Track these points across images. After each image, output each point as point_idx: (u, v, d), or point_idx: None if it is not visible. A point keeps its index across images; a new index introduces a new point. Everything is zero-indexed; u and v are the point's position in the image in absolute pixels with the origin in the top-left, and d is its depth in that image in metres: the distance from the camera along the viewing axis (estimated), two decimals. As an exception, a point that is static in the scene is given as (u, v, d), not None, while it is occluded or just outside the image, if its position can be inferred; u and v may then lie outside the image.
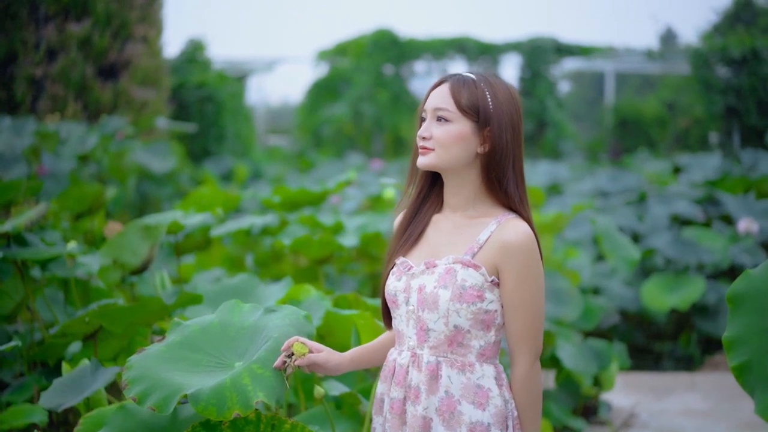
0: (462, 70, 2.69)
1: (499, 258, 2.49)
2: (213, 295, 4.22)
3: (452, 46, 20.33)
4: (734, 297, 1.98)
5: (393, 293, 2.60)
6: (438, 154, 2.54)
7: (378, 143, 19.80)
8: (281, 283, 4.29)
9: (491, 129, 2.53)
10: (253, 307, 2.88)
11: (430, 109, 2.57)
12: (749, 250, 8.47)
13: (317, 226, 5.89)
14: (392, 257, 2.68)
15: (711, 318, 7.94)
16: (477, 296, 2.48)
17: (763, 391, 1.87)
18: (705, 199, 10.23)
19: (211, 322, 2.83)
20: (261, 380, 2.54)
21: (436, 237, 2.63)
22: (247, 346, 2.74)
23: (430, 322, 2.51)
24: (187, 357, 2.72)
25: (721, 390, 6.66)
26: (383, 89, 19.74)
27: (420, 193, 2.71)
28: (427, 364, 2.52)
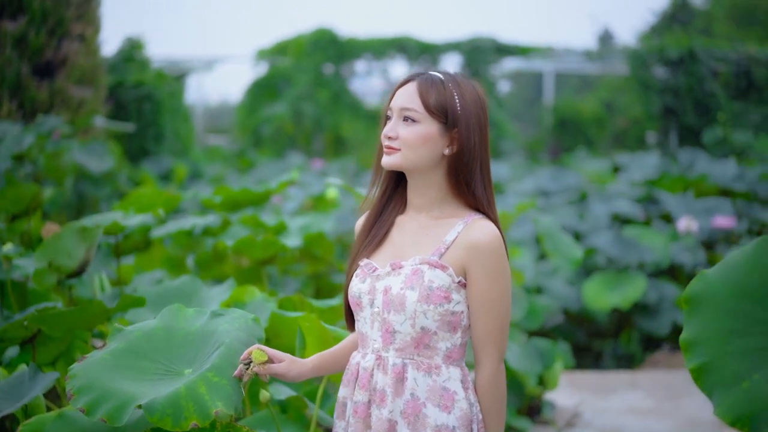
0: (430, 69, 2.64)
1: (467, 259, 2.47)
2: (155, 298, 4.14)
3: (392, 45, 20.30)
4: (690, 298, 1.97)
5: (357, 295, 2.56)
6: (404, 154, 2.50)
7: (318, 143, 19.72)
8: (224, 285, 4.23)
9: (459, 131, 2.51)
10: (198, 312, 2.82)
11: (397, 109, 2.53)
12: (689, 248, 8.55)
13: (260, 227, 5.82)
14: (355, 259, 2.64)
15: (651, 316, 8.00)
16: (444, 297, 2.45)
17: (721, 392, 1.85)
18: (645, 198, 10.31)
19: (154, 328, 2.76)
20: (218, 389, 2.48)
21: (400, 238, 2.59)
22: (195, 353, 2.68)
23: (396, 323, 2.48)
24: (133, 365, 2.65)
25: (662, 388, 6.70)
26: (323, 89, 19.66)
27: (384, 194, 2.67)
28: (392, 367, 2.48)
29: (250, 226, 5.87)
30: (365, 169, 14.60)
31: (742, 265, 1.94)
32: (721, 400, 1.84)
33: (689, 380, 6.90)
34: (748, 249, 1.97)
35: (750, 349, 1.86)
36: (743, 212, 9.70)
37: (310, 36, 20.09)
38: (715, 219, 8.78)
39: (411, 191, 2.60)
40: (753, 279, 1.92)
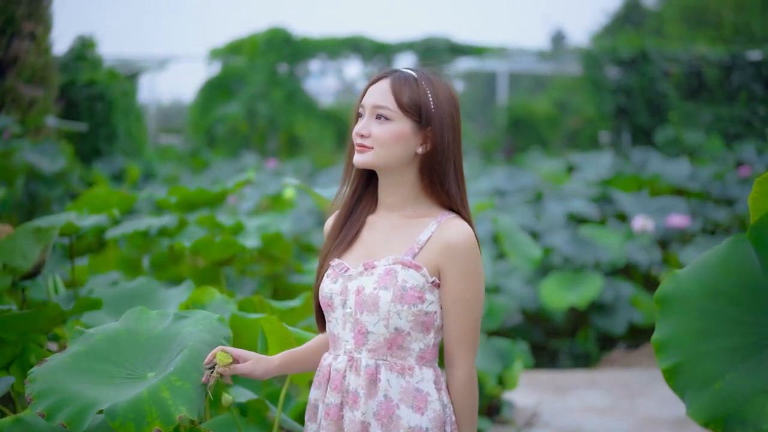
0: (406, 65, 2.62)
1: (442, 259, 2.45)
2: (112, 300, 4.06)
3: (347, 45, 20.26)
4: (662, 299, 1.95)
5: (328, 296, 2.53)
6: (376, 152, 2.48)
7: (272, 142, 19.63)
8: (182, 286, 4.16)
9: (432, 129, 2.48)
10: (161, 314, 2.76)
11: (369, 106, 2.50)
12: (645, 247, 8.59)
13: (216, 227, 5.75)
14: (326, 259, 2.60)
15: (607, 315, 8.03)
16: (418, 297, 2.43)
17: (694, 393, 1.83)
18: (600, 198, 10.36)
19: (117, 331, 2.70)
20: (181, 393, 2.42)
21: (372, 238, 2.57)
22: (159, 356, 2.62)
23: (369, 324, 2.45)
24: (95, 368, 2.58)
25: (620, 387, 6.72)
26: (278, 88, 19.57)
27: (354, 193, 2.64)
28: (365, 368, 2.45)
29: (207, 226, 5.80)
30: (320, 168, 14.56)
31: (714, 265, 1.93)
32: (694, 400, 1.83)
33: (646, 379, 6.94)
34: (720, 249, 1.96)
35: (723, 349, 1.85)
36: (697, 211, 9.77)
37: (263, 35, 20.00)
38: (669, 218, 8.84)
39: (382, 190, 2.57)
40: (725, 278, 1.90)
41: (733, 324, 1.88)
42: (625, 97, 20.06)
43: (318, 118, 19.75)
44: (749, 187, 11.14)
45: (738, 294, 1.90)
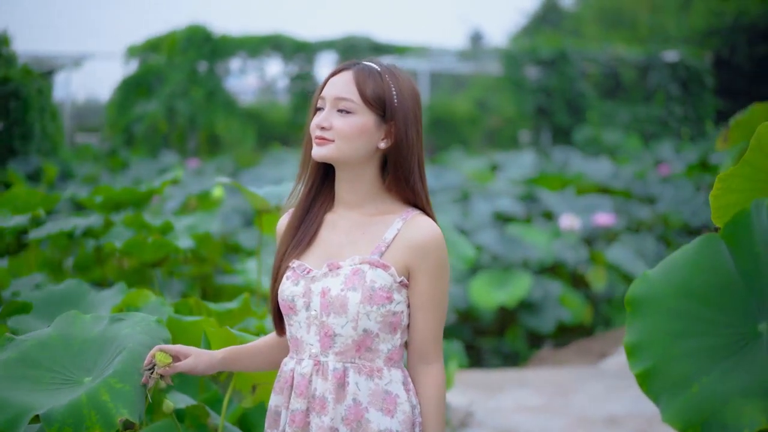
0: (366, 59, 2.53)
1: (411, 257, 2.40)
2: (40, 303, 3.90)
3: (267, 43, 20.06)
4: (633, 300, 1.89)
5: (290, 298, 2.43)
6: (338, 146, 2.40)
7: (192, 142, 19.37)
8: (113, 289, 4.02)
9: (396, 124, 2.42)
10: (96, 317, 2.65)
11: (331, 98, 2.42)
12: (572, 246, 8.62)
13: (144, 227, 5.59)
14: (283, 260, 2.51)
15: (536, 314, 8.04)
16: (386, 298, 2.36)
17: (669, 398, 1.78)
18: (526, 197, 10.38)
19: (49, 336, 2.59)
20: (121, 395, 2.33)
21: (333, 237, 2.49)
22: (95, 360, 2.52)
23: (336, 327, 2.37)
24: (28, 375, 2.47)
25: (551, 385, 6.72)
26: (197, 86, 19.31)
27: (311, 189, 2.54)
28: (333, 372, 2.38)
29: (134, 226, 5.64)
30: (243, 168, 14.38)
31: (684, 265, 1.88)
32: (669, 405, 1.77)
33: (577, 377, 6.95)
34: (690, 248, 1.91)
35: (697, 351, 1.80)
36: (621, 210, 9.84)
37: (183, 33, 19.71)
38: (595, 216, 8.88)
39: (341, 186, 2.50)
40: (697, 278, 1.86)
41: (707, 324, 1.83)
42: (544, 97, 20.23)
43: (238, 117, 19.54)
44: (669, 185, 11.28)
45: (711, 294, 1.85)
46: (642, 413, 5.97)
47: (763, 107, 5.39)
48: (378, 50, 20.51)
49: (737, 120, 5.52)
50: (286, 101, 20.56)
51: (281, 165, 14.22)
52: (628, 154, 17.03)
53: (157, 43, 20.25)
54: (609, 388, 6.57)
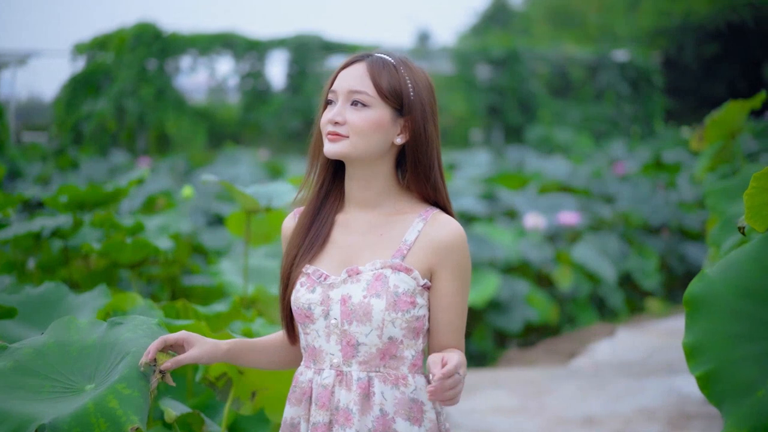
0: (382, 52, 2.41)
1: (435, 258, 2.30)
2: (18, 307, 3.76)
3: (218, 41, 19.85)
4: (692, 300, 1.82)
5: (306, 306, 2.32)
6: (353, 142, 2.29)
7: (142, 141, 19.12)
8: (94, 291, 3.87)
9: (413, 118, 2.32)
10: (93, 323, 2.53)
11: (344, 92, 2.30)
12: (537, 245, 8.59)
13: (115, 227, 5.43)
14: (294, 265, 2.39)
15: (504, 313, 7.99)
16: (410, 303, 2.26)
17: (732, 403, 1.71)
18: (487, 195, 10.34)
19: (45, 343, 2.46)
20: (130, 402, 2.22)
21: (347, 239, 2.37)
22: (96, 366, 2.40)
23: (360, 335, 2.26)
24: (26, 384, 2.35)
25: (524, 386, 6.67)
26: (147, 85, 19.06)
27: (321, 188, 2.43)
28: (357, 382, 2.27)
29: (104, 226, 5.48)
30: (196, 167, 14.19)
31: (744, 264, 1.81)
32: (733, 410, 1.70)
33: (549, 377, 6.91)
34: (749, 247, 1.84)
35: (761, 354, 1.73)
36: (583, 208, 9.83)
37: (131, 30, 19.44)
38: (559, 215, 8.86)
39: (353, 185, 2.38)
40: (757, 278, 1.79)
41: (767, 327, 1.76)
42: (496, 96, 20.27)
43: (189, 115, 19.31)
44: (627, 184, 11.31)
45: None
46: (619, 413, 5.94)
47: (738, 105, 5.38)
48: (329, 49, 20.40)
49: (713, 119, 5.50)
50: (237, 100, 20.37)
51: (236, 164, 14.07)
52: (580, 153, 17.11)
53: (105, 40, 19.95)
54: (583, 388, 6.53)
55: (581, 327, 8.43)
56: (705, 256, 9.75)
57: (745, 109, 5.39)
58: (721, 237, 4.45)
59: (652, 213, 10.25)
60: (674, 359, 7.19)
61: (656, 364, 7.14)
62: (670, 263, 9.86)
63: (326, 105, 2.35)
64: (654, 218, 10.19)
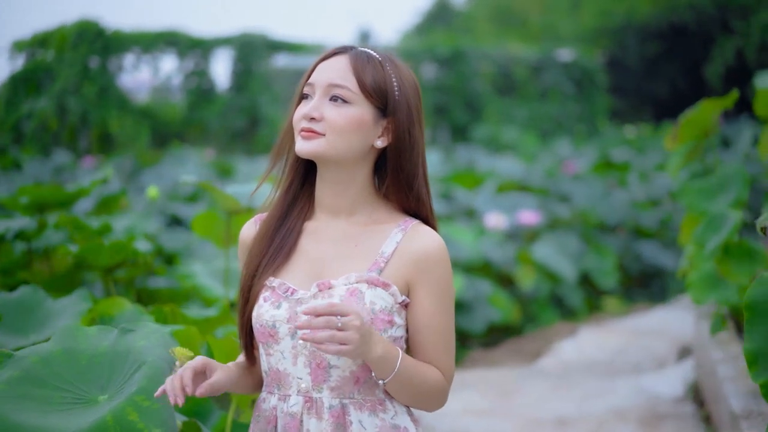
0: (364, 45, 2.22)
1: (414, 273, 2.09)
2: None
3: (162, 39, 19.61)
4: (754, 304, 1.74)
5: (270, 324, 2.09)
6: (329, 140, 2.07)
7: (84, 140, 18.80)
8: (73, 296, 3.72)
9: (397, 120, 2.11)
10: (102, 329, 2.42)
11: (323, 85, 2.10)
12: (499, 244, 8.55)
13: (80, 229, 5.27)
14: (257, 277, 2.16)
15: (467, 314, 7.93)
16: (388, 322, 2.06)
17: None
18: (443, 195, 10.29)
19: (52, 352, 2.34)
20: (151, 414, 2.11)
21: (316, 249, 2.15)
22: (108, 376, 2.28)
23: (332, 357, 2.05)
24: (35, 394, 2.23)
25: (493, 387, 6.61)
26: (89, 83, 18.74)
27: (288, 192, 2.20)
28: (329, 410, 2.06)
29: (68, 228, 5.31)
30: (143, 167, 13.96)
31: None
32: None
33: (517, 378, 6.86)
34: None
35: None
36: (541, 207, 9.82)
37: (73, 28, 19.12)
38: (520, 214, 8.83)
39: (325, 189, 2.17)
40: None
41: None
42: (442, 95, 20.25)
43: (132, 114, 19.04)
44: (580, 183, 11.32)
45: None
46: (591, 414, 5.91)
47: (711, 104, 5.37)
48: (274, 47, 20.27)
49: (687, 118, 5.48)
50: (181, 99, 20.13)
51: (183, 163, 13.87)
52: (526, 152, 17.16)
53: (46, 38, 19.60)
54: (551, 389, 6.49)
55: (543, 327, 8.40)
56: (662, 254, 9.80)
57: (718, 108, 5.38)
58: (705, 236, 4.43)
59: (607, 212, 10.27)
60: (640, 359, 7.19)
61: (622, 363, 7.13)
62: (626, 262, 9.88)
63: (300, 99, 2.15)
64: (609, 217, 10.22)
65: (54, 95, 18.66)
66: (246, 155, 17.86)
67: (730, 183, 5.03)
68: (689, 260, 4.92)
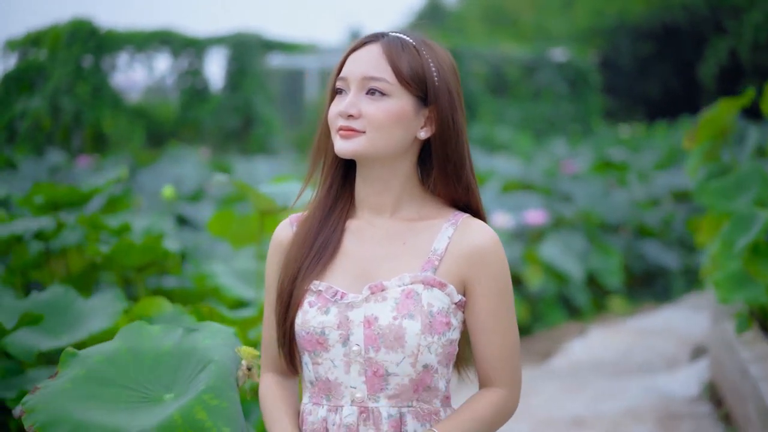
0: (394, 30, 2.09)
1: (470, 270, 2.00)
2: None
3: (155, 38, 19.55)
4: None
5: (319, 331, 1.98)
6: (371, 137, 1.97)
7: (77, 139, 18.74)
8: (106, 296, 3.69)
9: (438, 108, 2.00)
10: (165, 328, 2.40)
11: (357, 79, 1.98)
12: (506, 243, 8.54)
13: (101, 229, 5.23)
14: (298, 280, 2.04)
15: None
16: (446, 324, 1.97)
17: None
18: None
19: (117, 351, 2.33)
20: (219, 413, 2.09)
21: (362, 250, 2.05)
22: (173, 374, 2.27)
23: (390, 364, 1.96)
24: (101, 393, 2.22)
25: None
26: (83, 82, 18.68)
27: (329, 191, 2.09)
28: (388, 420, 1.97)
29: (88, 227, 5.27)
30: (141, 166, 13.92)
31: None
32: None
33: (528, 378, 6.82)
34: None
35: None
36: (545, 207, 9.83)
37: (66, 27, 19.06)
38: (526, 214, 8.83)
39: (367, 187, 2.06)
40: None
41: None
42: (436, 95, 20.24)
43: (126, 114, 18.98)
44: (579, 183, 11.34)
45: None
46: (605, 414, 5.91)
47: (729, 103, 5.38)
48: (268, 47, 20.25)
49: (705, 118, 5.49)
50: (175, 98, 20.09)
51: (182, 162, 13.84)
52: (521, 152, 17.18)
53: (39, 37, 19.53)
54: (564, 389, 6.49)
55: (551, 326, 8.40)
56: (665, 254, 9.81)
57: (735, 107, 5.39)
58: (733, 235, 4.42)
59: (608, 212, 10.29)
60: (650, 359, 7.20)
61: (633, 363, 7.13)
62: (630, 262, 9.90)
63: (334, 95, 2.04)
64: (610, 217, 10.23)
65: (47, 94, 18.58)
66: (241, 154, 17.83)
67: (749, 182, 5.04)
68: (713, 260, 4.91)
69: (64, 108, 18.47)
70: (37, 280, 5.59)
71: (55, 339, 3.41)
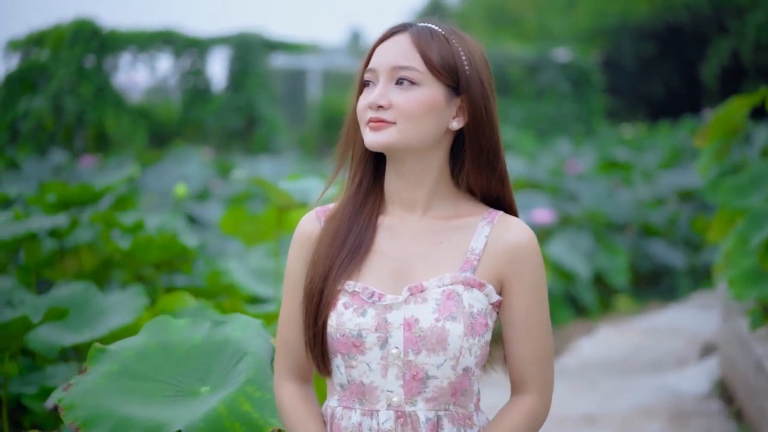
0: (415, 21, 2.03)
1: (508, 268, 1.94)
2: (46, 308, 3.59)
3: (158, 38, 19.56)
4: None
5: (355, 333, 1.90)
6: (402, 129, 1.90)
7: (80, 139, 18.74)
8: (127, 292, 3.70)
9: (471, 96, 1.94)
10: (192, 322, 2.40)
11: (386, 69, 1.93)
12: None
13: (115, 226, 5.24)
14: (332, 280, 1.95)
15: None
16: (485, 325, 1.92)
17: None
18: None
19: (147, 345, 2.33)
20: (264, 404, 2.11)
21: (396, 248, 1.98)
22: (206, 367, 2.27)
23: (430, 367, 1.90)
24: (136, 387, 2.22)
25: (514, 384, 6.61)
26: (86, 82, 18.68)
27: (360, 187, 2.02)
28: (426, 424, 1.92)
29: (102, 224, 5.28)
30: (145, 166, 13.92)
31: None
32: None
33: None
34: None
35: None
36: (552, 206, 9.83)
37: (69, 27, 19.06)
38: (534, 213, 8.84)
39: (398, 183, 1.99)
40: None
41: None
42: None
43: (128, 113, 18.99)
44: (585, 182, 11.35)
45: None
46: (616, 412, 5.91)
47: (740, 101, 5.38)
48: (270, 47, 20.26)
49: (717, 116, 5.49)
50: (177, 98, 20.09)
51: (184, 162, 13.85)
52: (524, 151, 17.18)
53: (41, 37, 19.55)
54: (573, 387, 6.49)
55: (559, 325, 8.41)
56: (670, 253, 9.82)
57: (747, 105, 5.39)
58: (748, 232, 4.43)
59: (613, 211, 10.29)
60: (659, 357, 7.20)
61: (643, 362, 7.14)
62: (636, 261, 9.90)
63: (362, 88, 1.98)
64: (616, 216, 10.23)
65: (50, 95, 18.59)
66: (244, 154, 17.84)
67: (763, 180, 5.04)
68: (726, 257, 4.92)
69: (66, 108, 18.47)
70: (48, 278, 5.59)
71: (77, 335, 3.42)
